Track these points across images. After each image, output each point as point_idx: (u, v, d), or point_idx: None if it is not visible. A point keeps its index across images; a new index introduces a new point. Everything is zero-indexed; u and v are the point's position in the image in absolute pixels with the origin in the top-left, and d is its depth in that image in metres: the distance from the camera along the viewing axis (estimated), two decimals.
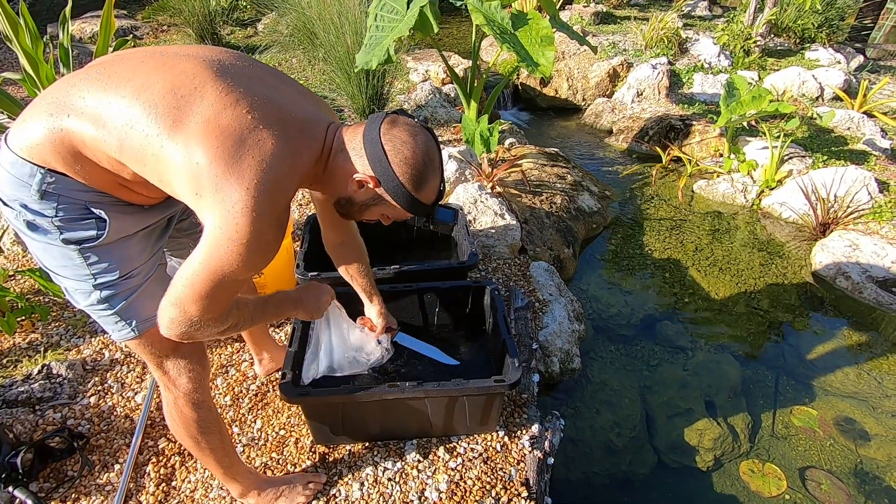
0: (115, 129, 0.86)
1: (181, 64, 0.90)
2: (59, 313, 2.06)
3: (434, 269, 1.86)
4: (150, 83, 0.87)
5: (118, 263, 0.99)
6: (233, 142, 0.84)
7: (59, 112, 0.88)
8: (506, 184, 2.89)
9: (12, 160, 0.90)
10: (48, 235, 0.93)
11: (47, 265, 0.99)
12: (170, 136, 0.84)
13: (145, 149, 0.86)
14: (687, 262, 2.90)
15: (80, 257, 0.96)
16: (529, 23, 2.74)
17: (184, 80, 0.87)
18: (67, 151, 0.89)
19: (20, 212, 0.92)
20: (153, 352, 1.08)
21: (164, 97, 0.85)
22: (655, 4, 8.11)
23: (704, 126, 3.88)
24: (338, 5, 3.81)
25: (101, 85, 0.89)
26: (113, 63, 0.92)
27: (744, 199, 3.36)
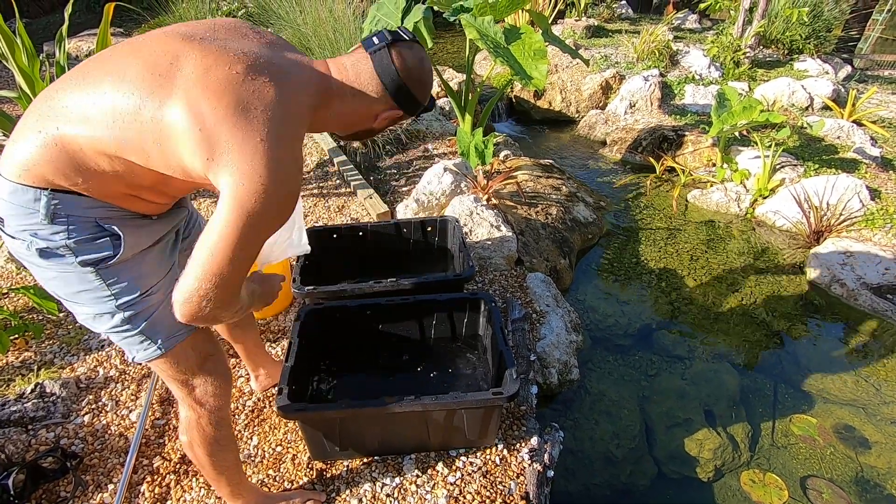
0: (107, 125, 0.83)
1: (149, 44, 0.87)
2: (52, 331, 2.04)
3: (430, 282, 1.85)
4: (126, 71, 0.84)
5: (138, 281, 0.97)
6: (231, 98, 0.81)
7: (46, 125, 0.85)
8: (501, 196, 2.91)
9: (11, 189, 0.86)
10: (63, 260, 0.90)
11: (63, 294, 0.96)
12: (164, 114, 0.81)
13: (143, 135, 0.83)
14: (683, 271, 2.91)
15: (98, 279, 0.93)
16: (522, 37, 2.78)
17: (157, 57, 0.84)
18: (66, 164, 0.85)
19: (31, 241, 0.88)
20: (179, 369, 1.06)
21: (144, 79, 0.83)
22: (646, 18, 8.25)
23: (697, 136, 3.92)
24: (333, 21, 3.87)
25: (79, 86, 0.86)
26: (86, 65, 0.90)
27: (737, 208, 3.38)
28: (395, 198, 3.01)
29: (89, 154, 0.85)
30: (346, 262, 2.22)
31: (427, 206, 2.72)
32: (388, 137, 3.58)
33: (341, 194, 3.01)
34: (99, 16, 6.90)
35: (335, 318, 1.75)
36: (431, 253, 2.27)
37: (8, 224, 0.88)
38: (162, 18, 5.64)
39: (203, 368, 1.09)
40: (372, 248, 2.23)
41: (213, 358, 1.11)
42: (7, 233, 0.90)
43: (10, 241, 0.91)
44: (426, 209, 2.72)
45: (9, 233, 0.89)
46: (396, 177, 3.25)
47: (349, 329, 1.78)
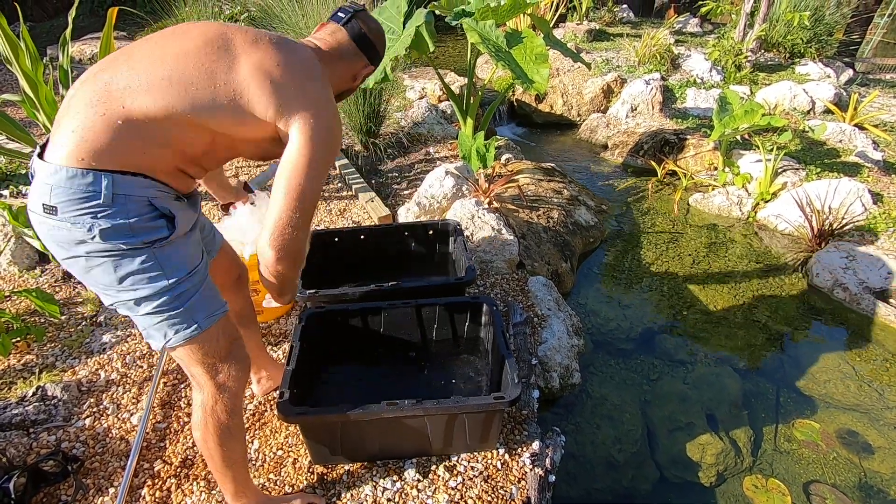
0: (180, 93, 0.94)
1: (193, 29, 1.01)
2: (54, 334, 2.05)
3: (432, 286, 1.85)
4: (186, 48, 0.97)
5: (185, 260, 1.05)
6: (282, 59, 1.01)
7: (109, 106, 0.91)
8: (503, 199, 2.91)
9: (69, 174, 0.89)
10: (124, 241, 0.95)
11: (109, 280, 0.98)
12: (236, 75, 0.97)
13: (217, 97, 0.96)
14: (684, 275, 2.91)
15: (153, 259, 0.99)
16: (524, 41, 2.79)
17: (209, 36, 0.99)
18: (132, 139, 0.93)
19: (93, 224, 0.92)
20: (209, 351, 1.09)
21: (207, 51, 0.97)
22: (647, 22, 8.27)
23: (698, 140, 3.92)
24: None
25: (136, 69, 0.95)
26: (129, 52, 0.99)
27: (739, 212, 3.38)
28: (397, 201, 3.01)
29: (160, 123, 0.94)
30: (347, 266, 2.22)
31: (428, 209, 2.72)
32: (389, 141, 3.59)
33: (343, 197, 3.01)
34: (102, 19, 6.91)
35: (336, 321, 1.75)
36: (433, 256, 2.27)
37: (62, 211, 0.91)
38: (164, 22, 5.66)
39: (230, 352, 1.13)
40: (373, 251, 2.23)
41: (237, 342, 1.16)
42: (59, 220, 0.91)
43: (59, 229, 0.92)
44: (428, 212, 2.72)
45: (63, 219, 0.91)
46: (398, 180, 3.25)
47: (350, 332, 1.78)
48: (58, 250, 0.98)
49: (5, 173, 3.24)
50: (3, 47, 2.27)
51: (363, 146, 3.52)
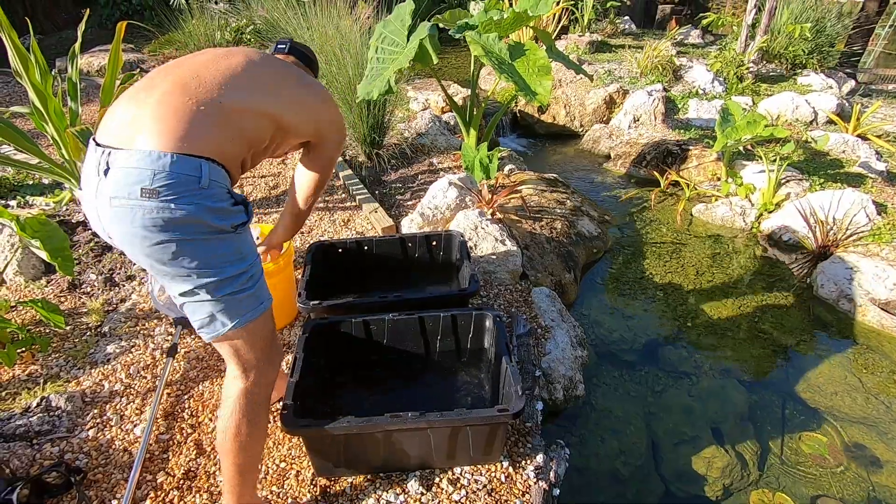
0: (266, 93, 1.15)
1: (241, 50, 1.23)
2: (59, 344, 2.05)
3: (435, 297, 1.85)
4: (255, 63, 1.20)
5: (254, 245, 1.18)
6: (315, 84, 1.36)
7: (206, 101, 1.04)
8: (506, 210, 2.92)
9: (174, 160, 0.97)
10: (220, 223, 1.04)
11: (195, 264, 1.04)
12: (305, 89, 1.29)
13: (290, 103, 1.22)
14: (688, 286, 2.90)
15: (238, 241, 1.10)
16: (527, 53, 2.81)
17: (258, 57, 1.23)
18: (226, 130, 1.06)
19: (197, 206, 1.00)
20: (264, 335, 1.19)
21: (274, 70, 1.24)
22: (649, 33, 8.32)
23: (701, 151, 3.93)
24: (339, 38, 3.92)
25: (224, 73, 1.10)
26: (210, 58, 1.15)
27: (743, 223, 3.38)
28: (400, 212, 3.03)
29: (252, 116, 1.11)
30: (351, 276, 2.22)
31: (432, 220, 2.73)
32: (393, 152, 3.61)
33: (347, 208, 3.03)
34: (109, 32, 7.01)
35: (340, 332, 1.75)
36: (436, 267, 2.27)
37: (164, 195, 0.97)
38: (171, 35, 5.74)
39: (275, 336, 1.24)
40: (377, 262, 2.23)
41: (275, 330, 1.27)
42: (160, 202, 0.97)
43: (159, 211, 0.97)
44: (431, 223, 2.73)
45: (165, 201, 0.97)
46: (401, 191, 3.27)
47: (354, 344, 1.78)
48: (146, 236, 1.00)
49: (13, 184, 3.27)
50: (14, 61, 2.31)
51: (367, 157, 3.54)
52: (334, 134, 1.38)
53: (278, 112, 1.17)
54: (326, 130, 1.35)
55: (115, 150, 1.00)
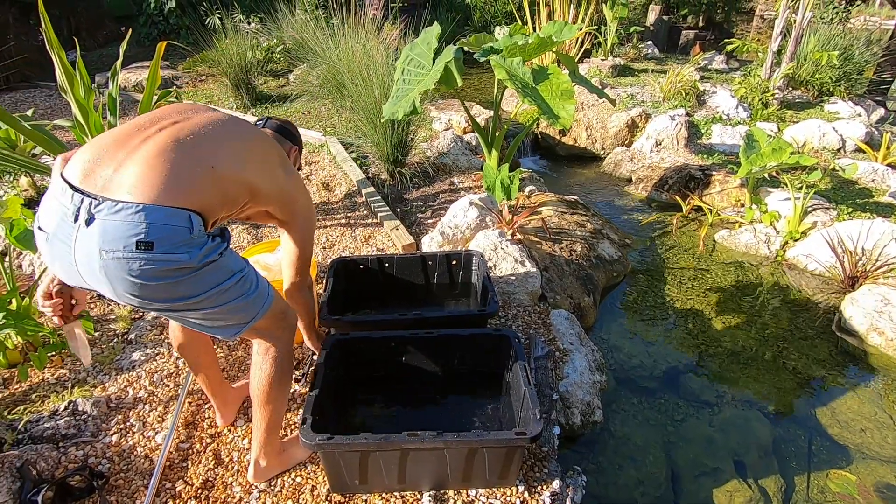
0: (245, 165, 1.21)
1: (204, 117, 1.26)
2: None
3: (455, 316, 1.86)
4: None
5: (237, 257, 1.26)
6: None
7: (200, 163, 1.10)
8: (526, 231, 2.92)
9: (169, 213, 1.02)
10: (212, 256, 1.12)
11: (211, 289, 1.14)
12: (287, 175, 1.39)
13: (264, 169, 1.29)
14: (710, 314, 2.85)
15: (226, 261, 1.18)
16: (550, 77, 2.85)
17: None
18: (212, 191, 1.12)
19: (190, 252, 1.06)
20: (281, 309, 1.35)
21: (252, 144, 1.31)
22: (672, 58, 8.34)
23: (725, 176, 3.89)
24: (366, 59, 4.02)
25: (214, 142, 1.17)
26: (202, 121, 1.19)
27: (767, 250, 3.32)
28: (421, 230, 3.06)
29: (237, 184, 1.18)
30: (371, 292, 2.25)
31: (452, 239, 2.75)
32: (415, 171, 3.67)
33: (368, 225, 3.07)
34: (146, 49, 7.27)
35: (359, 348, 1.77)
36: (455, 286, 2.28)
37: (159, 246, 1.01)
38: (205, 54, 5.97)
39: (287, 307, 1.40)
40: (397, 279, 2.26)
41: (285, 301, 1.42)
42: (155, 254, 1.01)
43: (153, 262, 1.02)
44: (451, 242, 2.75)
45: (161, 253, 1.02)
46: (422, 209, 3.30)
47: (372, 360, 1.79)
48: (143, 283, 1.03)
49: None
50: (61, 77, 2.43)
51: (389, 175, 3.60)
52: (304, 220, 1.44)
53: (260, 187, 1.25)
54: (297, 214, 1.42)
55: (101, 200, 0.98)
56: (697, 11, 10.88)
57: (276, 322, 1.34)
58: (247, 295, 1.22)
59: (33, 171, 2.58)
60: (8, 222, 1.93)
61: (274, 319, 1.33)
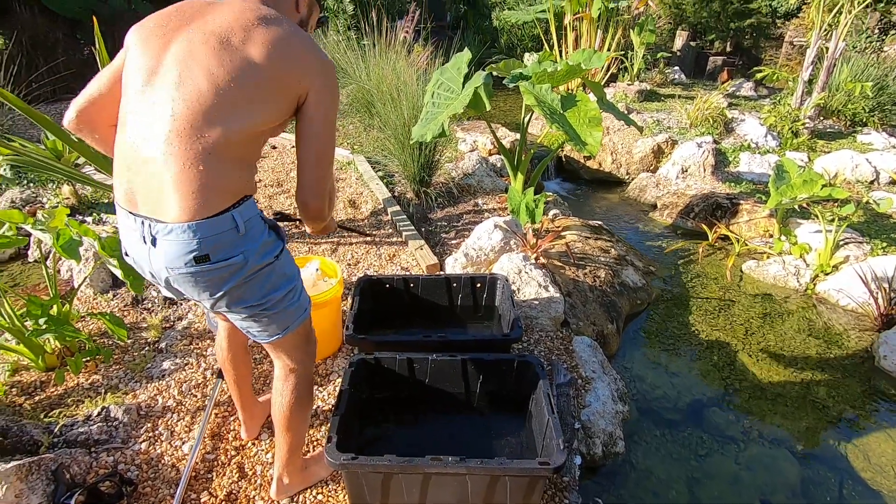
0: (246, 109, 1.05)
1: (200, 30, 1.09)
2: (119, 356, 2.18)
3: (479, 340, 1.87)
4: (210, 53, 1.07)
5: (293, 262, 1.27)
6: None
7: (209, 146, 1.01)
8: (550, 255, 2.93)
9: (210, 224, 1.03)
10: (268, 258, 1.14)
11: (261, 293, 1.16)
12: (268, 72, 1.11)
13: (276, 96, 1.08)
14: (737, 346, 2.79)
15: (283, 264, 1.20)
16: (578, 104, 2.88)
17: (219, 33, 1.11)
18: (238, 164, 1.06)
19: (245, 254, 1.08)
20: (305, 334, 1.33)
21: (226, 52, 1.09)
22: (699, 84, 8.32)
23: (753, 206, 3.84)
24: (396, 80, 4.12)
25: (194, 85, 1.02)
26: (163, 61, 1.05)
27: (797, 283, 3.25)
28: (445, 250, 3.09)
29: (254, 139, 1.08)
30: (396, 312, 2.28)
31: (476, 261, 2.77)
32: (440, 190, 3.71)
33: (393, 243, 3.12)
34: None
35: (384, 368, 1.79)
36: (479, 309, 2.30)
37: (215, 256, 1.06)
38: None
39: (313, 331, 1.39)
40: (422, 299, 2.28)
41: (312, 325, 1.40)
42: (214, 264, 1.06)
43: (215, 272, 1.07)
44: (475, 264, 2.77)
45: (218, 261, 1.06)
46: (447, 229, 3.34)
47: (397, 380, 1.81)
48: (210, 292, 1.11)
49: (91, 201, 3.55)
50: None
51: (415, 195, 3.65)
52: (325, 95, 1.12)
53: (277, 118, 1.10)
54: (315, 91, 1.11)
55: (154, 222, 1.04)
56: (725, 37, 10.85)
57: (302, 340, 1.34)
58: (292, 303, 1.24)
59: (77, 181, 2.70)
60: (55, 231, 2.03)
61: (302, 337, 1.34)
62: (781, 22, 11.61)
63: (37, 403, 1.91)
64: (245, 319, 1.21)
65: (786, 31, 12.61)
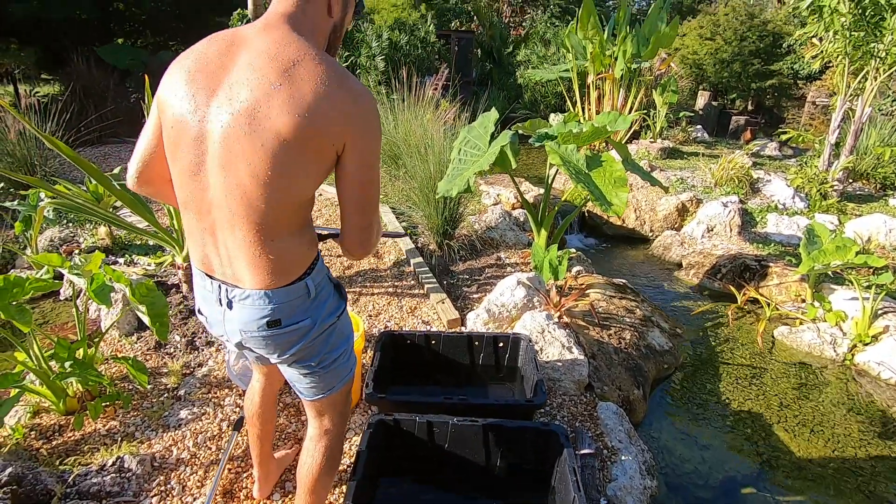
0: (312, 179, 1.03)
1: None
2: (138, 403, 2.17)
3: (501, 405, 1.82)
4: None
5: (350, 321, 1.27)
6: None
7: (261, 229, 1.01)
8: (573, 314, 2.88)
9: (287, 291, 1.07)
10: (333, 316, 1.17)
11: (323, 351, 1.17)
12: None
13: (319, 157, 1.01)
14: (771, 418, 2.65)
15: (342, 323, 1.21)
16: (603, 165, 2.91)
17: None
18: (304, 233, 1.09)
19: (314, 317, 1.12)
20: (345, 393, 1.30)
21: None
22: (722, 142, 8.37)
23: (783, 269, 3.75)
24: (422, 132, 4.25)
25: (266, 176, 0.99)
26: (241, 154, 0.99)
27: (833, 353, 3.11)
28: (466, 304, 3.07)
29: (304, 205, 1.06)
30: (417, 368, 2.24)
31: (498, 317, 2.74)
32: (463, 243, 3.73)
33: (415, 295, 3.11)
34: None
35: (402, 430, 1.74)
36: (501, 369, 2.24)
37: (287, 320, 1.10)
38: None
39: (350, 394, 1.35)
40: (443, 356, 2.24)
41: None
42: (284, 329, 1.10)
43: (286, 335, 1.11)
44: (497, 320, 2.73)
45: (289, 325, 1.10)
46: (468, 283, 3.33)
47: (415, 444, 1.75)
48: (280, 353, 1.15)
49: (125, 243, 3.67)
50: None
51: (437, 247, 3.67)
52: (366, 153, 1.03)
53: (321, 179, 1.04)
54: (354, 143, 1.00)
55: (232, 287, 1.09)
56: (746, 96, 11.01)
57: (343, 401, 1.32)
58: (344, 363, 1.25)
59: (114, 224, 2.80)
60: (89, 275, 2.08)
61: (343, 397, 1.32)
62: (804, 83, 11.75)
63: (53, 448, 1.89)
64: (302, 376, 1.23)
65: (808, 91, 12.75)
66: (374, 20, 9.32)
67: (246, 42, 0.99)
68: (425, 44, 9.06)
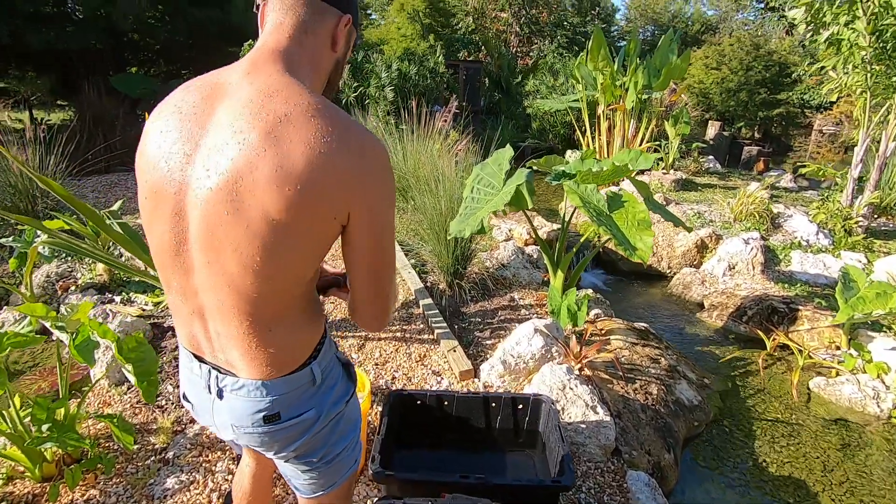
0: (316, 259, 0.89)
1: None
2: (122, 466, 1.99)
3: (523, 487, 1.61)
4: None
5: (359, 406, 1.12)
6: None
7: (255, 320, 0.86)
8: (595, 366, 2.68)
9: (287, 380, 0.91)
10: (340, 404, 1.00)
11: (329, 442, 1.01)
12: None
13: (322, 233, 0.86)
14: (814, 484, 2.41)
15: (350, 409, 1.05)
16: (625, 205, 2.75)
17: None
18: (310, 313, 0.93)
19: (320, 408, 0.96)
20: (347, 487, 1.13)
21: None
22: (735, 173, 8.25)
23: (814, 312, 3.54)
24: (431, 164, 4.12)
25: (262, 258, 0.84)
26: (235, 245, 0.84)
27: (877, 408, 2.87)
28: (479, 351, 2.87)
29: (306, 283, 0.90)
30: (428, 431, 2.04)
31: (514, 369, 2.54)
32: (474, 282, 3.56)
33: (424, 341, 2.93)
34: None
35: None
36: (520, 434, 2.04)
37: (286, 414, 0.92)
38: None
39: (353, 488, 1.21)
40: (456, 419, 2.05)
41: None
42: (284, 423, 0.93)
43: (285, 430, 0.94)
44: (513, 373, 2.54)
45: (289, 419, 0.93)
46: (481, 326, 3.14)
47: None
48: (276, 450, 0.98)
49: (122, 280, 3.53)
50: None
51: (448, 286, 3.50)
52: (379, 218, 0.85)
53: (324, 253, 0.88)
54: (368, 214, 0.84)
55: (224, 374, 0.93)
56: (753, 125, 10.96)
57: (344, 495, 1.15)
58: (348, 455, 1.07)
59: (108, 264, 2.66)
60: (75, 326, 1.92)
61: (345, 492, 1.15)
62: (811, 112, 11.70)
63: None
64: (301, 472, 1.04)
65: (814, 119, 12.70)
66: (384, 50, 9.39)
67: (227, 91, 0.80)
68: (434, 74, 9.08)
